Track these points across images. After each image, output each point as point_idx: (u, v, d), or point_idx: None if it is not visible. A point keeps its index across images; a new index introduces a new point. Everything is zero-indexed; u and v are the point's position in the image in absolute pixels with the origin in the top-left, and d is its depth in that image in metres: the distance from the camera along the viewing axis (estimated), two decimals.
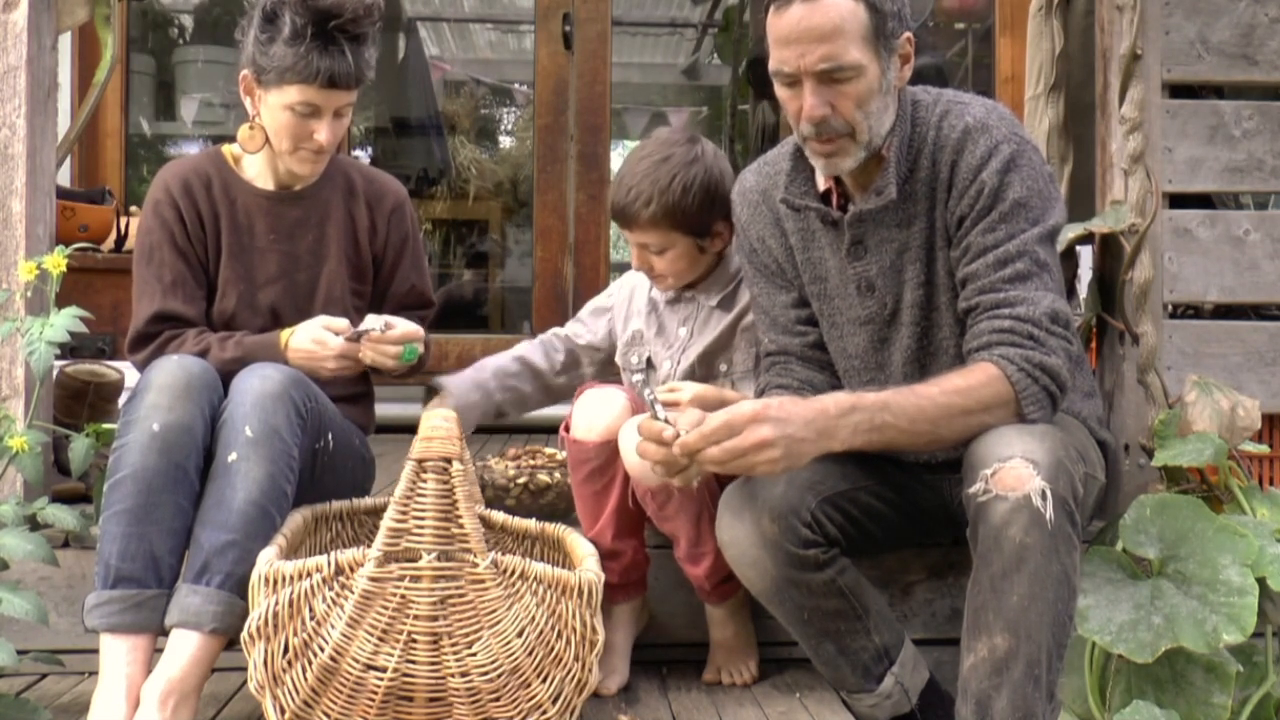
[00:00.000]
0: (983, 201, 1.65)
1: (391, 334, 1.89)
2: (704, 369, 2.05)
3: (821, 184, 1.79)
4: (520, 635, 1.57)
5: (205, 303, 1.99)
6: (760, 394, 1.87)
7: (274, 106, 1.93)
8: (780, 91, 1.69)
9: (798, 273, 1.85)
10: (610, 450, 1.84)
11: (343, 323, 1.91)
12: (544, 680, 1.59)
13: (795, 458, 1.52)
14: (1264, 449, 2.07)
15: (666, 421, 1.53)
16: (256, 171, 2.05)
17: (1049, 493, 1.49)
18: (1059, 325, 1.63)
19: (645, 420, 1.55)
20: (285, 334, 1.92)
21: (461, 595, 1.55)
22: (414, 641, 1.54)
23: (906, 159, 1.71)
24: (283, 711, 1.54)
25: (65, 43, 3.77)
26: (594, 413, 1.87)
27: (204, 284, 1.99)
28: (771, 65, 1.66)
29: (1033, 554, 1.49)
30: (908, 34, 1.69)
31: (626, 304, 2.17)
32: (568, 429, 1.92)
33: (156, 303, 1.95)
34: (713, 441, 1.49)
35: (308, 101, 1.91)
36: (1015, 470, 1.50)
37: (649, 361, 2.13)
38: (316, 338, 1.89)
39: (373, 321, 1.90)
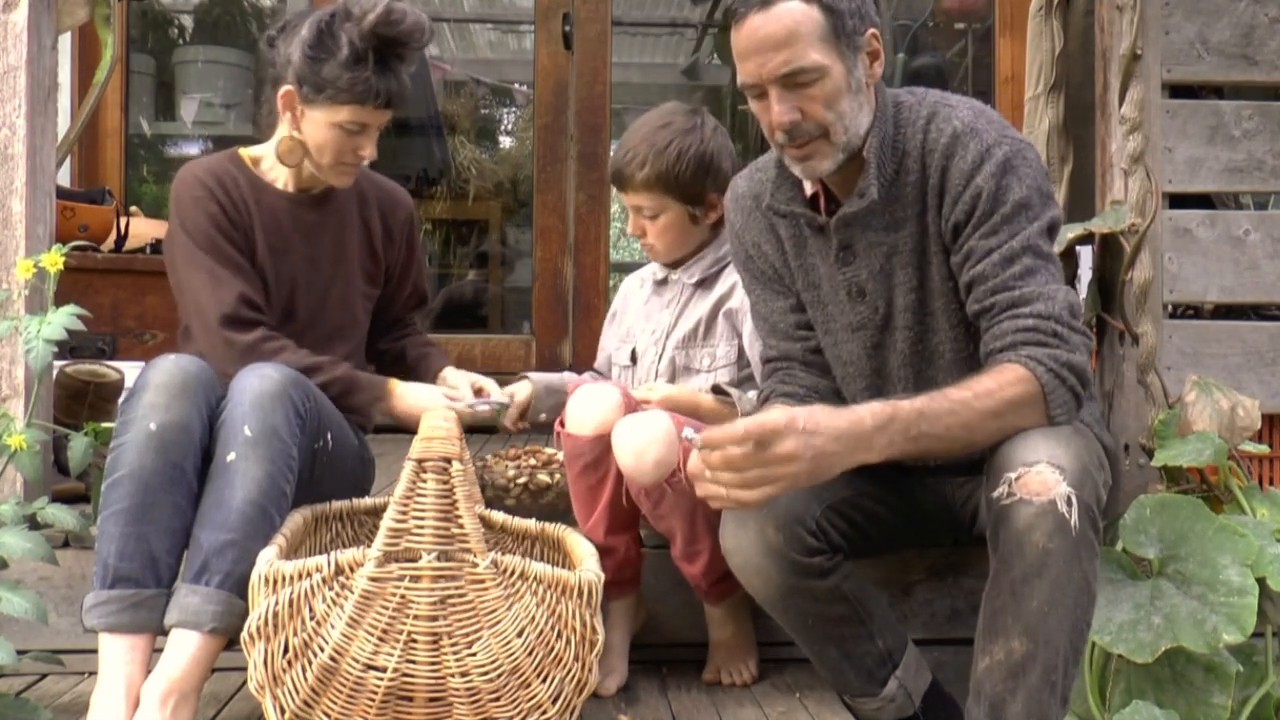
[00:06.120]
0: (982, 207, 1.63)
1: (492, 402, 2.01)
2: (685, 359, 2.06)
3: (809, 188, 1.77)
4: (520, 635, 1.57)
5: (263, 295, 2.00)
6: (764, 401, 1.86)
7: (320, 123, 1.94)
8: (752, 105, 1.68)
9: (794, 277, 1.84)
10: (604, 445, 1.84)
11: (457, 394, 2.01)
12: (544, 680, 1.59)
13: (822, 473, 1.46)
14: (1264, 449, 2.07)
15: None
16: (276, 174, 2.05)
17: (1074, 499, 1.47)
18: (1078, 319, 1.61)
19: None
20: (393, 383, 1.97)
21: (461, 595, 1.55)
22: (414, 641, 1.54)
23: (891, 161, 1.69)
24: (283, 711, 1.54)
25: (65, 43, 3.77)
26: (588, 408, 1.86)
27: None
28: (739, 81, 1.66)
29: (1055, 560, 1.47)
30: (872, 30, 1.66)
31: (624, 303, 2.22)
32: (563, 424, 1.92)
33: (238, 286, 1.93)
34: (734, 441, 1.43)
35: (358, 121, 1.93)
36: (1041, 475, 1.49)
37: (633, 355, 2.14)
38: (425, 406, 1.92)
39: (474, 398, 2.01)
